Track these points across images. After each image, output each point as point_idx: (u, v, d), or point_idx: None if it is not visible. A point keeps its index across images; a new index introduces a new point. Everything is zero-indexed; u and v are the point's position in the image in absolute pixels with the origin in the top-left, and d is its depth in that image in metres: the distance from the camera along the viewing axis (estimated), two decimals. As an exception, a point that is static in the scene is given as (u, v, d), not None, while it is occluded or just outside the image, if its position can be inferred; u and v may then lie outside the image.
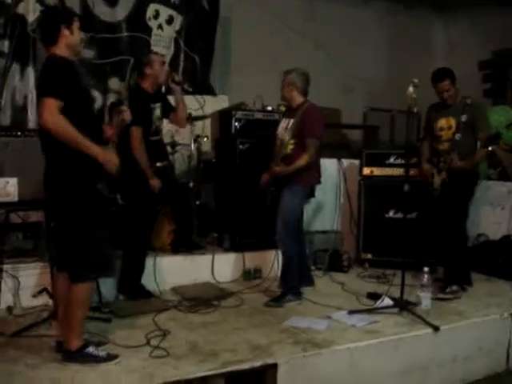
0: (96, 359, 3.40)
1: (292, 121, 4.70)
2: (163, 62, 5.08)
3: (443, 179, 4.82)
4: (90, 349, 3.42)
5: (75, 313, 3.39)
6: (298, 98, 4.76)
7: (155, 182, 4.75)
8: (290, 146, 4.69)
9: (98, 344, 3.57)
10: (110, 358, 3.45)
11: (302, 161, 4.60)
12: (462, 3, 9.00)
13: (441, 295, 4.82)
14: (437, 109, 5.13)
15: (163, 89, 5.40)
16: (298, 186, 4.69)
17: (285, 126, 4.77)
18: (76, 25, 3.42)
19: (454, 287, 4.92)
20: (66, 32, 3.36)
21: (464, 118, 4.78)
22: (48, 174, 3.41)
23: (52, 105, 3.17)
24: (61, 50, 3.37)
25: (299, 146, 4.65)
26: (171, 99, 5.25)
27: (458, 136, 4.78)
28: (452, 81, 4.90)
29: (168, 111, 5.15)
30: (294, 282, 4.82)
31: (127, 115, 3.80)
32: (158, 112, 5.00)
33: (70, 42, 3.39)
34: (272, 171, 4.75)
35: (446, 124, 5.01)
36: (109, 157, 3.35)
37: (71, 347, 3.40)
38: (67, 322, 3.43)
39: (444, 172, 4.82)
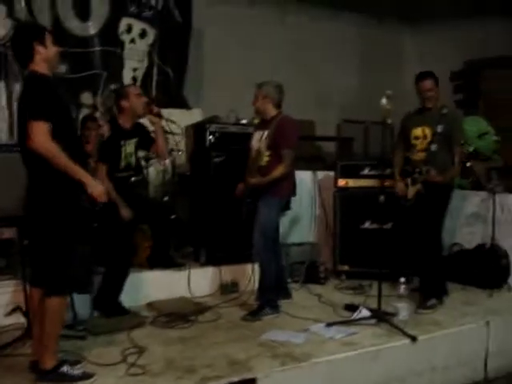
0: (71, 378, 3.34)
1: (266, 132, 4.68)
2: (139, 94, 4.98)
3: (418, 190, 4.79)
4: (65, 368, 3.36)
5: (49, 329, 3.33)
6: (272, 111, 4.76)
7: (125, 213, 4.69)
8: (266, 158, 4.66)
9: (75, 363, 3.51)
10: (86, 376, 3.39)
11: (278, 172, 4.58)
12: (433, 15, 9.12)
13: (421, 310, 4.77)
14: (412, 117, 5.09)
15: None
16: (274, 198, 4.67)
17: (259, 138, 4.74)
18: (49, 38, 3.38)
19: (434, 301, 4.88)
20: (39, 48, 3.32)
21: (440, 128, 4.77)
22: (30, 188, 3.36)
23: (43, 129, 3.15)
24: (39, 65, 3.33)
25: (274, 157, 4.64)
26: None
27: (434, 147, 4.77)
28: (435, 82, 4.89)
29: (148, 144, 5.05)
30: (271, 295, 4.80)
31: (105, 130, 3.79)
32: (131, 148, 4.90)
33: (47, 56, 3.35)
34: (248, 183, 4.73)
35: (421, 133, 4.95)
36: (96, 187, 3.33)
37: (45, 366, 3.34)
38: (42, 340, 3.36)
39: (419, 184, 4.78)
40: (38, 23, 4.90)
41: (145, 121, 5.11)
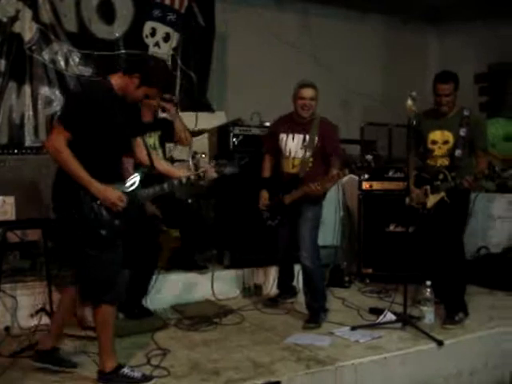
0: (133, 380, 3.35)
1: (308, 137, 4.63)
2: None
3: (441, 198, 4.52)
4: (125, 370, 3.38)
5: (103, 334, 3.37)
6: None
7: (149, 208, 4.64)
8: (309, 164, 4.64)
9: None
10: (146, 378, 3.39)
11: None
12: (458, 17, 9.02)
13: (449, 326, 4.48)
14: (428, 118, 4.73)
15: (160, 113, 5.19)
16: (318, 204, 4.71)
17: (298, 143, 4.68)
18: (149, 91, 3.35)
19: (461, 314, 4.63)
20: (135, 80, 3.29)
21: (463, 132, 4.53)
22: (53, 188, 3.37)
23: (62, 134, 3.16)
24: (119, 82, 3.33)
25: (317, 162, 4.63)
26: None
27: (458, 152, 4.55)
28: (455, 86, 4.57)
29: (171, 135, 5.02)
30: (324, 299, 4.80)
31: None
32: (153, 141, 4.87)
33: (126, 88, 3.32)
34: (312, 190, 4.50)
35: (440, 137, 4.65)
36: (108, 195, 3.24)
37: (105, 368, 3.35)
38: (98, 344, 3.42)
39: (443, 192, 4.52)
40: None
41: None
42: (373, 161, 4.33)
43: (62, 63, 6.31)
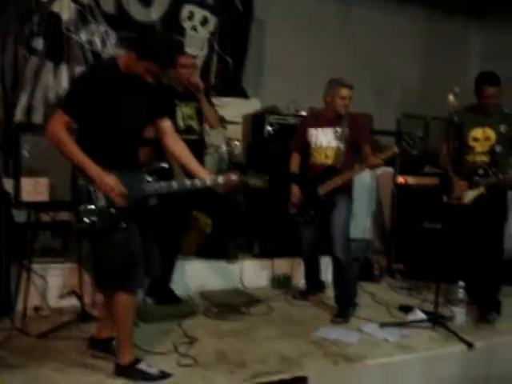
0: (150, 376, 3.27)
1: (339, 130, 4.61)
2: (185, 64, 4.70)
3: (481, 194, 4.50)
4: (143, 365, 3.31)
5: (119, 325, 3.31)
6: None
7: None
8: (343, 157, 4.61)
9: None
10: (164, 375, 3.31)
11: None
12: (501, 9, 8.82)
13: (482, 325, 4.46)
14: (469, 116, 4.70)
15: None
16: (350, 197, 4.70)
17: (332, 135, 4.65)
18: (150, 68, 3.13)
19: (494, 314, 4.59)
20: (133, 55, 3.11)
21: (503, 128, 4.51)
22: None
23: (61, 118, 3.08)
24: (122, 61, 3.20)
25: (349, 154, 4.60)
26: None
27: (498, 148, 4.52)
28: (500, 87, 4.53)
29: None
30: (354, 293, 4.76)
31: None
32: (190, 111, 4.77)
33: (129, 65, 3.17)
34: (374, 164, 4.47)
35: (482, 135, 4.63)
36: (105, 182, 3.07)
37: (122, 362, 3.30)
38: (116, 335, 3.38)
39: (482, 187, 4.49)
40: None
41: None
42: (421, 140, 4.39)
43: (99, 44, 6.32)
